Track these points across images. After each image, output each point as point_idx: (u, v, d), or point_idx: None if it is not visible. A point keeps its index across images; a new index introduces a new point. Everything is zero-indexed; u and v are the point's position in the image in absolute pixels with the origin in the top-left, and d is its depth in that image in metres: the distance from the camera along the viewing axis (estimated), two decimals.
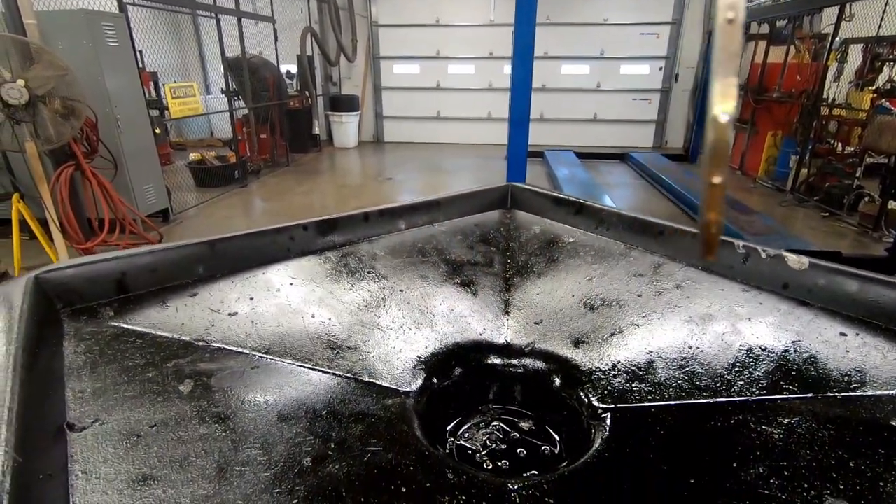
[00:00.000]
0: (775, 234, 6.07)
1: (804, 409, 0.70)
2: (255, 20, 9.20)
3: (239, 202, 7.47)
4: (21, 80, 4.69)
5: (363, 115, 11.96)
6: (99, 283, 0.85)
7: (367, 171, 9.78)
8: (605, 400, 0.78)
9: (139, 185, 6.20)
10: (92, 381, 0.67)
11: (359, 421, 0.70)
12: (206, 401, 0.67)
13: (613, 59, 11.47)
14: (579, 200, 1.27)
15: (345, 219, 1.14)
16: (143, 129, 6.23)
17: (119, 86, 5.84)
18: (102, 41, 5.66)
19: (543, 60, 11.41)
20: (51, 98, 4.96)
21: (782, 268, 0.93)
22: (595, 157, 10.80)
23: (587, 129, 12.00)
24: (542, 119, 11.86)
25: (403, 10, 11.28)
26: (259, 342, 0.84)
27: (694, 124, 10.85)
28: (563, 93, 11.72)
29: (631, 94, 11.75)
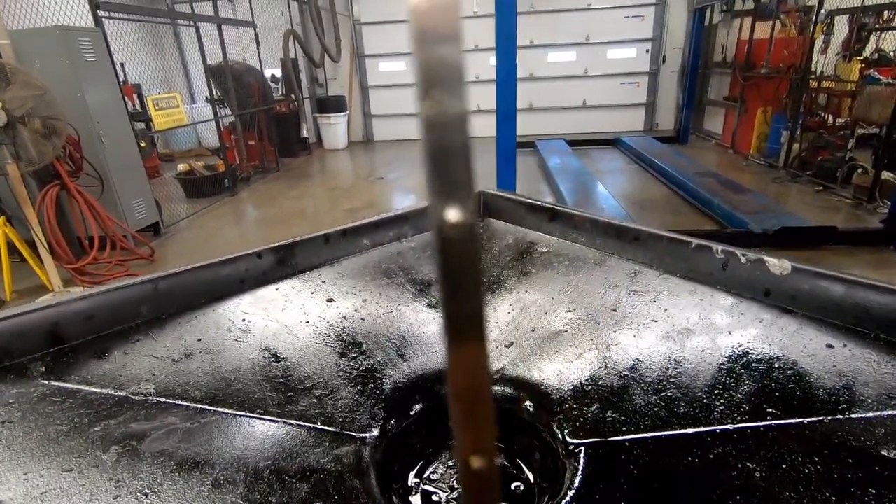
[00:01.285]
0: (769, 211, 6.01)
1: (789, 437, 0.64)
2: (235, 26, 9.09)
3: (230, 211, 7.41)
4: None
5: (351, 116, 11.86)
6: (28, 337, 0.79)
7: (359, 172, 9.70)
8: (577, 434, 0.72)
9: (127, 201, 6.14)
10: (5, 458, 0.62)
11: (305, 479, 0.64)
12: (129, 472, 0.61)
13: (599, 44, 11.35)
14: (553, 206, 1.20)
15: (303, 242, 1.08)
16: (127, 144, 6.15)
17: (100, 101, 5.77)
18: (80, 57, 5.57)
19: (529, 49, 11.30)
20: (30, 118, 4.89)
21: (763, 273, 0.87)
22: (586, 143, 10.72)
23: (577, 117, 11.90)
24: (532, 109, 11.77)
25: (386, 7, 11.15)
26: (203, 391, 0.78)
27: (683, 106, 10.76)
28: (551, 81, 11.62)
29: (619, 78, 11.65)
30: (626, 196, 7.65)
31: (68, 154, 5.38)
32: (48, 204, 5.31)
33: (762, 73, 8.80)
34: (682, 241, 0.98)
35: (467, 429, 0.28)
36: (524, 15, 10.81)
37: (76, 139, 5.36)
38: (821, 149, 7.40)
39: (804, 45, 7.77)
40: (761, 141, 9.08)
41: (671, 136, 10.92)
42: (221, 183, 7.99)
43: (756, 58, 9.06)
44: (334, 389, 0.82)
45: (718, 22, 10.60)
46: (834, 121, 7.62)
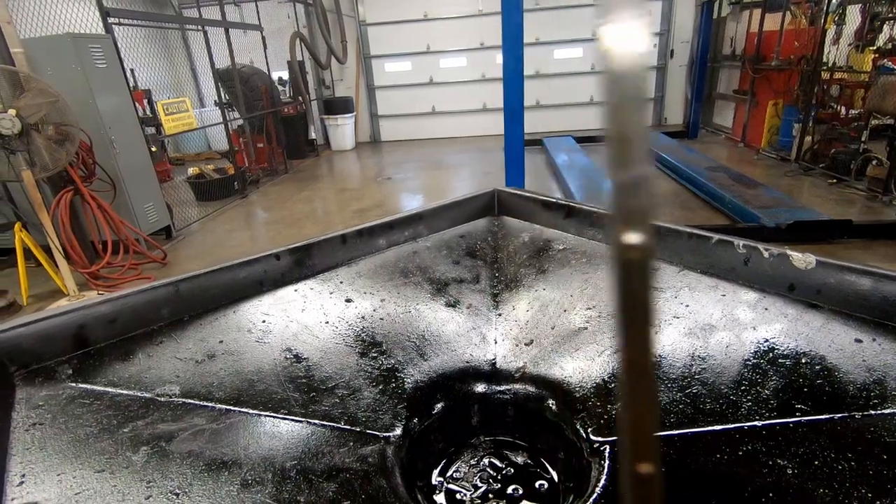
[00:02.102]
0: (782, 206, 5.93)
1: (819, 433, 0.63)
2: (242, 30, 9.14)
3: (240, 214, 7.45)
4: (12, 109, 4.68)
5: (358, 116, 11.89)
6: (55, 340, 0.80)
7: (367, 173, 9.72)
8: (601, 432, 0.72)
9: (139, 205, 6.19)
10: (40, 454, 0.62)
11: (332, 478, 0.64)
12: (159, 473, 0.62)
13: None
14: (568, 203, 1.20)
15: (321, 243, 1.08)
16: (138, 149, 6.21)
17: (111, 107, 5.83)
18: (91, 63, 5.63)
19: (535, 46, 11.27)
20: (43, 125, 4.95)
21: (787, 267, 0.86)
22: (595, 140, 10.65)
23: (585, 113, 11.84)
24: (539, 106, 11.72)
25: (391, 8, 11.15)
26: (227, 392, 0.78)
27: (692, 100, 10.66)
28: (558, 77, 11.57)
29: None
30: None
31: (81, 160, 5.44)
32: (62, 209, 5.38)
33: (772, 66, 8.69)
34: (702, 237, 0.97)
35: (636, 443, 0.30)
36: (530, 12, 10.76)
37: (88, 145, 5.42)
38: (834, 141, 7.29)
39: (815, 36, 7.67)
40: (772, 134, 8.98)
41: (680, 130, 10.83)
42: (231, 186, 8.05)
43: (766, 50, 8.95)
44: (356, 389, 0.82)
45: (727, 15, 10.49)
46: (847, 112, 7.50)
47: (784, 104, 8.67)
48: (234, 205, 7.76)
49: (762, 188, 6.76)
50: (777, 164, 8.44)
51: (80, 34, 5.60)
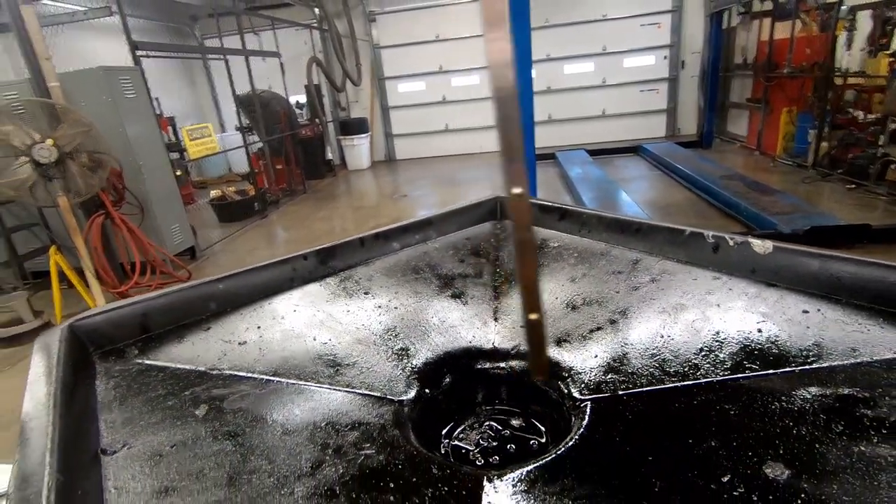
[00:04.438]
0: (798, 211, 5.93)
1: (762, 385, 0.74)
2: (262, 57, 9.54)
3: (261, 234, 7.72)
4: (49, 139, 4.98)
5: (373, 136, 12.20)
6: (124, 326, 0.96)
7: (383, 191, 9.96)
8: (582, 392, 0.84)
9: (166, 227, 6.48)
10: (121, 412, 0.78)
11: (354, 429, 0.78)
12: (218, 422, 0.76)
13: (616, 53, 11.44)
14: (563, 206, 1.33)
15: (342, 246, 1.23)
16: (164, 173, 6.52)
17: (139, 134, 6.14)
18: (121, 94, 5.96)
19: (546, 63, 11.48)
20: (78, 153, 5.25)
21: (749, 253, 0.98)
22: (607, 152, 10.76)
23: (597, 126, 11.96)
24: (551, 120, 11.89)
25: (403, 31, 11.53)
26: (266, 366, 0.93)
27: (705, 109, 10.71)
28: (569, 92, 11.75)
29: (638, 85, 11.68)
30: (649, 202, 7.65)
31: (112, 185, 5.74)
32: (94, 232, 5.66)
33: (785, 73, 8.73)
34: (678, 230, 1.10)
35: (528, 302, 0.53)
36: (539, 29, 11.01)
37: (119, 171, 5.72)
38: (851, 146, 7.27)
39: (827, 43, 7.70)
40: (788, 141, 8.96)
41: (694, 140, 10.87)
42: (252, 207, 8.35)
43: (778, 58, 8.99)
44: (374, 364, 0.96)
45: (737, 25, 10.58)
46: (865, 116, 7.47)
47: (798, 111, 8.68)
48: (255, 225, 8.04)
49: (778, 195, 6.76)
50: (794, 171, 8.42)
51: (111, 67, 5.96)
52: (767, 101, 9.40)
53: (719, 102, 10.97)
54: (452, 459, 0.87)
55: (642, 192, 8.38)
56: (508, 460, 0.85)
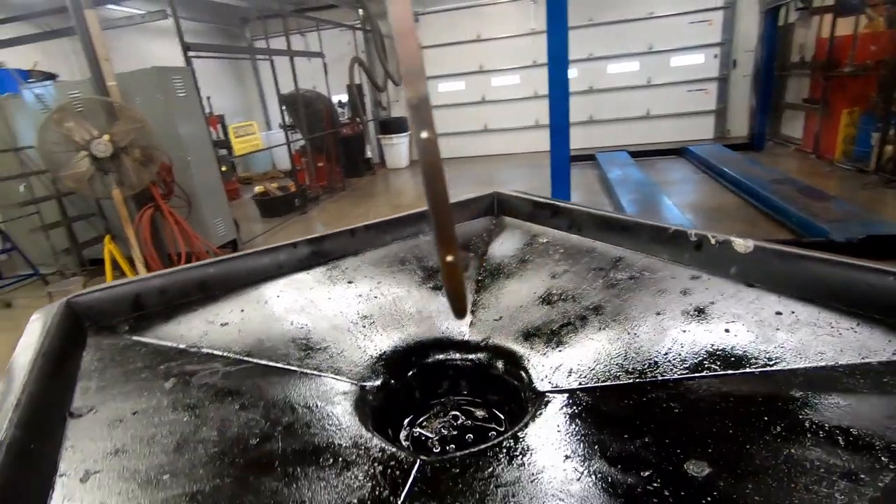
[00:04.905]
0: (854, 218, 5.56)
1: (715, 385, 0.72)
2: (307, 57, 9.84)
3: (300, 229, 7.96)
4: (106, 135, 5.31)
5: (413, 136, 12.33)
6: (118, 304, 1.03)
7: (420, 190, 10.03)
8: (540, 385, 0.84)
9: (210, 220, 6.79)
10: (98, 380, 0.84)
11: (311, 409, 0.81)
12: (182, 394, 0.81)
13: (663, 52, 11.08)
14: (555, 203, 1.32)
15: (332, 236, 1.27)
16: (211, 169, 6.84)
17: (189, 131, 6.46)
18: (173, 93, 6.29)
19: (588, 62, 11.25)
20: (131, 148, 5.57)
21: (731, 252, 0.94)
22: (650, 154, 10.43)
23: (640, 127, 11.62)
24: (592, 121, 11.65)
25: (445, 31, 11.59)
26: (242, 346, 0.98)
27: (757, 111, 10.20)
28: (612, 92, 11.47)
29: (685, 85, 11.27)
30: (692, 206, 7.37)
31: (162, 179, 6.07)
32: (144, 223, 6.00)
33: (846, 72, 8.20)
34: (662, 228, 1.07)
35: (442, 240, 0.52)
36: (582, 28, 10.81)
37: (168, 165, 6.05)
38: None
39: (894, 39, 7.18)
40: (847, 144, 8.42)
41: (744, 142, 10.38)
42: (292, 203, 8.63)
43: (839, 56, 8.46)
44: (344, 349, 0.98)
45: (794, 21, 10.03)
46: None
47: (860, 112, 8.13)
48: (295, 220, 8.30)
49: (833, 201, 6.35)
50: (853, 176, 7.89)
51: (164, 67, 6.30)
52: (826, 101, 8.86)
53: (773, 103, 10.41)
54: (411, 447, 0.89)
55: (685, 196, 8.08)
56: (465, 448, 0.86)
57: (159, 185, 6.04)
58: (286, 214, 8.48)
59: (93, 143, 5.16)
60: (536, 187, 8.70)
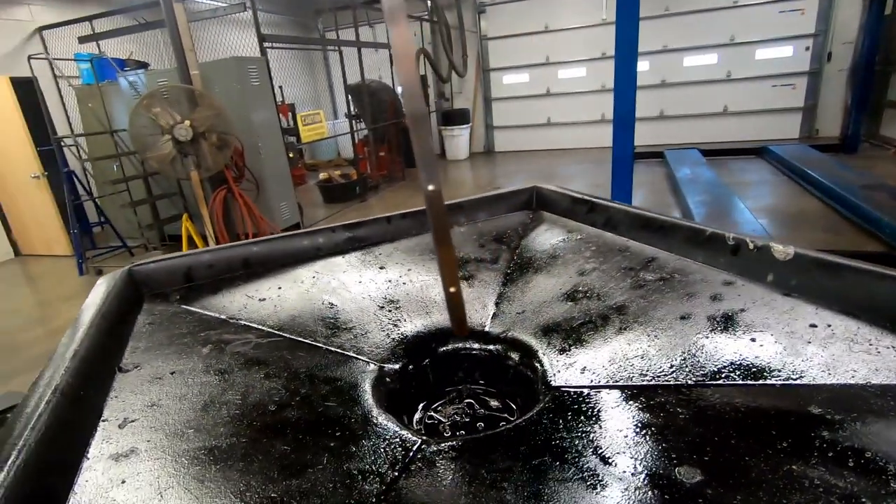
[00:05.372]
0: None
1: (730, 395, 0.69)
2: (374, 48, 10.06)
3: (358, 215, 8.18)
4: (188, 121, 5.71)
5: (474, 128, 12.31)
6: (172, 275, 1.13)
7: (478, 182, 10.05)
8: (552, 380, 0.84)
9: (276, 203, 7.15)
10: (146, 341, 0.93)
11: (329, 384, 0.86)
12: (215, 360, 0.89)
13: (747, 43, 10.33)
14: (591, 199, 1.30)
15: (369, 222, 1.32)
16: (279, 155, 7.18)
17: (260, 118, 6.81)
18: (248, 81, 6.65)
19: (662, 54, 10.72)
20: (209, 133, 5.96)
21: (769, 258, 0.89)
22: (725, 153, 9.81)
23: (716, 124, 10.94)
24: (662, 117, 11.11)
25: (512, 22, 11.43)
26: (275, 321, 1.04)
27: (852, 109, 9.30)
28: (687, 87, 10.86)
29: (770, 80, 10.46)
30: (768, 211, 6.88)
31: (234, 163, 6.45)
32: (217, 204, 6.41)
33: None
34: (698, 230, 1.02)
35: (448, 274, 0.65)
36: (657, 19, 10.30)
37: (241, 150, 6.42)
38: None
39: None
40: None
41: (835, 144, 9.51)
42: (354, 190, 8.90)
43: None
44: (368, 331, 1.03)
45: None
46: None
47: None
48: (355, 207, 8.56)
49: None
50: None
51: (241, 57, 6.66)
52: None
53: (872, 101, 9.45)
54: (423, 430, 0.92)
55: (761, 199, 7.55)
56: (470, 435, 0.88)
57: (232, 168, 6.43)
58: (347, 201, 8.78)
59: (176, 128, 5.58)
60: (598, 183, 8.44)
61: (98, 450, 0.65)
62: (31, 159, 7.12)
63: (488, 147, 12.71)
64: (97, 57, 7.18)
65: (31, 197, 7.40)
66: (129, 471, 0.62)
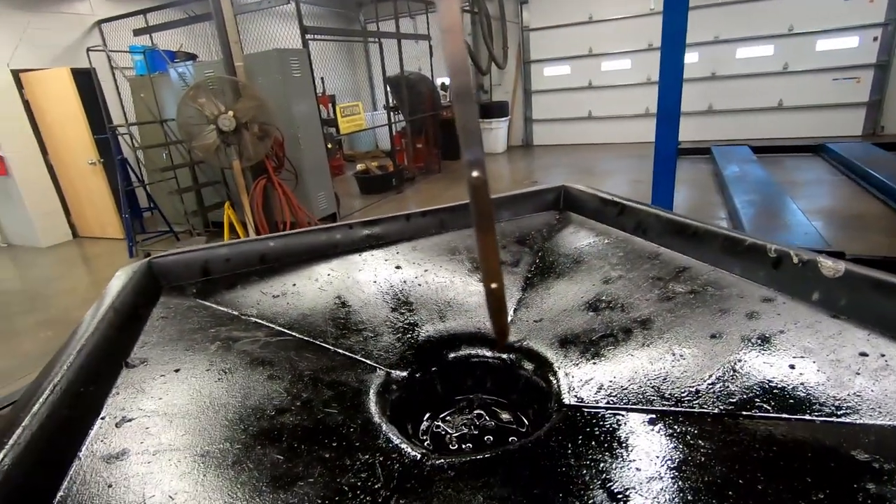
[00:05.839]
0: None
1: (763, 429, 0.61)
2: (414, 40, 10.04)
3: (394, 207, 8.25)
4: (231, 111, 5.85)
5: (512, 121, 12.13)
6: (189, 268, 1.14)
7: (515, 176, 9.92)
8: (565, 397, 0.78)
9: (314, 193, 7.26)
10: (157, 336, 0.93)
11: (332, 389, 0.83)
12: (221, 359, 0.88)
13: (806, 34, 9.71)
14: (622, 201, 1.22)
15: (387, 219, 1.29)
16: (318, 146, 7.29)
17: (301, 109, 6.91)
18: (289, 73, 6.75)
19: (713, 45, 10.22)
20: (251, 124, 6.09)
21: (814, 274, 0.80)
22: (778, 150, 9.28)
23: (769, 119, 10.36)
24: (711, 111, 10.62)
25: (555, 12, 11.16)
26: (286, 319, 1.03)
27: None
28: (738, 79, 10.32)
29: (831, 73, 9.80)
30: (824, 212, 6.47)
31: (275, 153, 6.58)
32: (258, 193, 6.57)
33: None
34: (737, 239, 0.94)
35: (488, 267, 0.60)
36: (708, 8, 9.82)
37: (281, 141, 6.54)
38: None
39: None
40: None
41: None
42: (390, 182, 8.95)
43: None
44: (379, 334, 1.00)
45: None
46: None
47: None
48: (391, 199, 8.61)
49: None
50: None
51: (284, 49, 6.77)
52: None
53: None
54: (429, 441, 0.88)
55: (816, 200, 7.11)
56: (482, 451, 0.84)
57: (272, 158, 6.56)
58: (383, 192, 8.83)
59: (220, 118, 5.73)
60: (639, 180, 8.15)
61: (90, 449, 0.65)
62: (89, 146, 7.50)
63: (527, 140, 12.51)
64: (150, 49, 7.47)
65: (88, 182, 7.81)
66: (116, 474, 0.61)
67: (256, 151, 6.14)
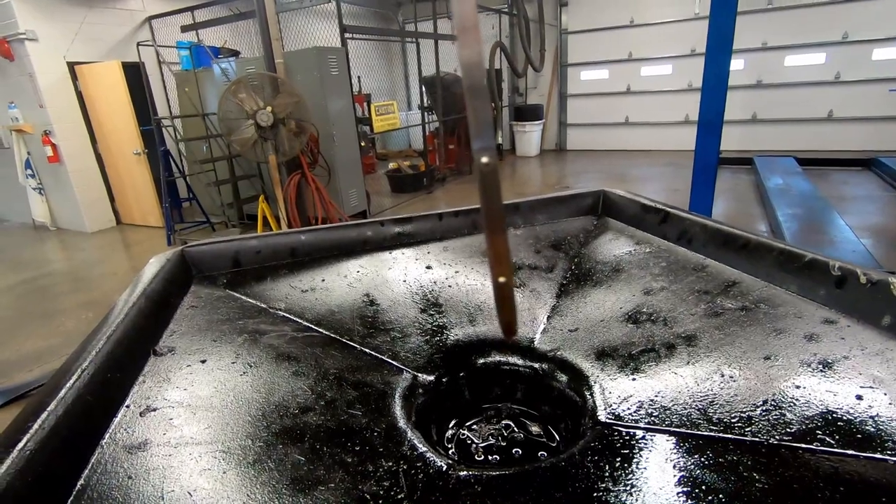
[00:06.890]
0: None
1: (826, 465, 0.56)
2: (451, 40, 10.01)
3: (424, 207, 8.26)
4: (269, 107, 5.96)
5: (546, 124, 11.99)
6: (220, 258, 1.14)
7: (546, 180, 9.78)
8: (601, 415, 0.74)
9: (345, 190, 7.34)
10: (186, 325, 0.93)
11: (357, 389, 0.81)
12: (247, 352, 0.86)
13: (862, 42, 9.27)
14: (665, 208, 1.16)
15: (420, 218, 1.26)
16: (352, 143, 7.36)
17: (336, 107, 6.99)
18: (328, 71, 6.83)
19: (760, 52, 9.87)
20: (288, 120, 6.20)
21: (885, 297, 0.73)
22: (825, 163, 8.88)
23: (817, 130, 9.94)
24: (755, 120, 10.25)
25: (595, 15, 10.96)
26: (313, 315, 1.01)
27: None
28: (786, 88, 9.93)
29: (888, 83, 9.32)
30: (873, 230, 6.15)
31: (309, 149, 6.67)
32: (291, 188, 6.67)
33: None
34: (795, 254, 0.87)
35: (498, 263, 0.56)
36: (758, 13, 9.48)
37: (316, 137, 6.63)
38: None
39: None
40: None
41: None
42: (421, 181, 8.96)
43: None
44: (407, 335, 0.97)
45: None
46: None
47: None
48: (421, 198, 8.62)
49: None
50: None
51: (323, 47, 6.86)
52: None
53: None
54: (454, 449, 0.85)
55: (865, 216, 6.77)
56: (510, 464, 0.80)
57: (307, 154, 6.66)
58: (414, 192, 8.85)
59: (258, 113, 5.84)
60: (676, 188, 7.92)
61: (113, 438, 0.64)
62: (135, 137, 7.79)
63: (560, 145, 12.33)
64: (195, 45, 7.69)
65: (133, 171, 8.10)
66: (137, 465, 0.60)
67: (292, 147, 6.23)
